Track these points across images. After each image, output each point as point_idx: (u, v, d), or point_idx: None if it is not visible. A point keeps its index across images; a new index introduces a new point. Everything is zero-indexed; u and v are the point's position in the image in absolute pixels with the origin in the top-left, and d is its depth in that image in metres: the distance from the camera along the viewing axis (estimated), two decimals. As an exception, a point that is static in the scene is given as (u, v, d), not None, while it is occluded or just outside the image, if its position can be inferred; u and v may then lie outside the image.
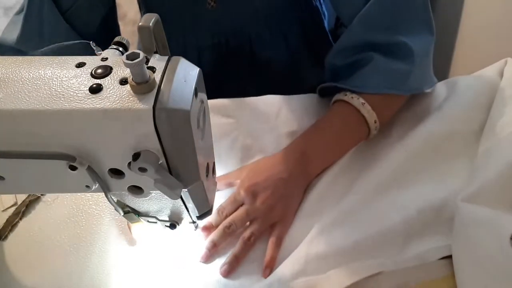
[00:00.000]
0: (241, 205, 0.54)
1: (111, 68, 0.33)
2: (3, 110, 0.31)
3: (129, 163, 0.33)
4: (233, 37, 0.75)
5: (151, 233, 0.52)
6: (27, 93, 0.31)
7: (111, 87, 0.32)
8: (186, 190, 0.36)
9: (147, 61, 0.33)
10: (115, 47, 0.37)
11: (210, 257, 0.51)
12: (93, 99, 0.31)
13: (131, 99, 0.31)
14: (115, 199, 0.42)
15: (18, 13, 0.63)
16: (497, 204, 0.47)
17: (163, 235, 0.52)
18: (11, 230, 0.56)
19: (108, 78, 0.32)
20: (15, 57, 0.35)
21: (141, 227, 0.51)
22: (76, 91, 0.31)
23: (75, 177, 0.35)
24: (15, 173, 0.36)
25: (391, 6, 0.58)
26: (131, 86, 0.31)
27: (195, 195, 0.38)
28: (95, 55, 0.36)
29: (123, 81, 0.32)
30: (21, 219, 0.57)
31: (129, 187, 0.37)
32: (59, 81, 0.32)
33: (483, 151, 0.54)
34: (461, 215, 0.48)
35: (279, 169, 0.56)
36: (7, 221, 0.56)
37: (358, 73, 0.59)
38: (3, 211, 0.58)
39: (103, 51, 0.36)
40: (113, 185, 0.37)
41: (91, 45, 0.38)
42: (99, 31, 0.67)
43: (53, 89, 0.32)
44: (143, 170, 0.32)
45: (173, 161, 0.34)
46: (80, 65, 0.33)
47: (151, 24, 0.32)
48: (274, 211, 0.53)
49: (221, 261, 0.51)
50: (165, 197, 0.36)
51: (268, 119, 0.65)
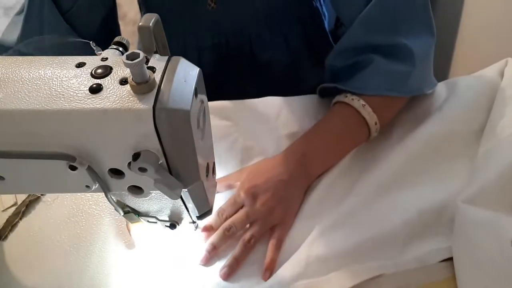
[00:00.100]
0: (241, 207, 0.54)
1: (111, 68, 0.33)
2: (3, 110, 0.31)
3: (129, 163, 0.33)
4: (233, 37, 0.75)
5: (151, 233, 0.52)
6: (27, 93, 0.31)
7: (111, 87, 0.32)
8: (186, 190, 0.36)
9: (147, 61, 0.33)
10: (115, 47, 0.37)
11: (210, 259, 0.51)
12: (93, 99, 0.31)
13: (131, 99, 0.31)
14: (115, 199, 0.42)
15: (18, 13, 0.63)
16: (497, 205, 0.47)
17: (163, 236, 0.52)
18: (11, 230, 0.56)
19: (108, 78, 0.32)
20: (15, 57, 0.35)
21: (140, 227, 0.51)
22: (76, 91, 0.31)
23: (75, 177, 0.35)
24: (15, 173, 0.36)
25: (391, 7, 0.58)
26: (131, 86, 0.31)
27: (195, 195, 0.38)
28: (95, 55, 0.36)
29: (123, 81, 0.32)
30: (21, 219, 0.57)
31: (129, 187, 0.37)
32: (59, 81, 0.32)
33: (483, 152, 0.54)
34: (462, 217, 0.48)
35: (280, 171, 0.55)
36: (7, 221, 0.56)
37: (358, 74, 0.59)
38: (3, 211, 0.58)
39: (103, 51, 0.36)
40: (113, 185, 0.37)
41: (91, 45, 0.38)
42: (99, 32, 0.67)
43: (53, 89, 0.32)
44: (143, 170, 0.32)
45: (173, 161, 0.34)
46: (80, 65, 0.33)
47: (151, 24, 0.32)
48: (274, 213, 0.52)
49: (221, 264, 0.50)
50: (165, 197, 0.36)
51: (268, 120, 0.65)
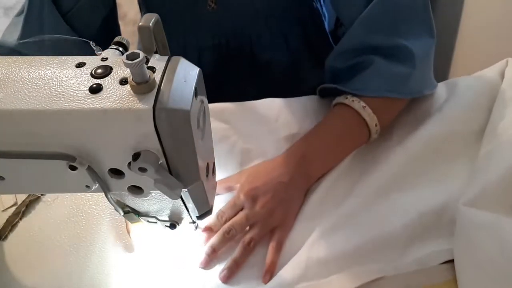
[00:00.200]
0: (241, 210, 0.53)
1: (111, 68, 0.33)
2: (3, 110, 0.31)
3: (129, 163, 0.33)
4: (233, 38, 0.75)
5: (151, 234, 0.52)
6: (27, 93, 0.32)
7: (111, 87, 0.32)
8: (186, 190, 0.36)
9: (147, 61, 0.33)
10: (115, 47, 0.37)
11: (209, 262, 0.50)
12: (93, 99, 0.31)
13: (131, 99, 0.31)
14: (115, 199, 0.42)
15: (18, 14, 0.63)
16: (499, 207, 0.46)
17: (162, 236, 0.52)
18: (11, 230, 0.56)
19: (108, 78, 0.32)
20: (15, 57, 0.35)
21: (140, 228, 0.51)
22: (76, 91, 0.31)
23: (75, 177, 0.35)
24: (15, 173, 0.36)
25: (392, 8, 0.58)
26: (131, 86, 0.31)
27: (195, 195, 0.38)
28: (95, 55, 0.36)
29: (123, 81, 0.32)
30: (21, 219, 0.57)
31: (129, 187, 0.37)
32: (59, 81, 0.32)
33: (484, 153, 0.54)
34: (463, 219, 0.48)
35: (279, 172, 0.55)
36: (7, 221, 0.56)
37: (358, 76, 0.59)
38: (3, 211, 0.58)
39: (103, 51, 0.36)
40: (113, 185, 0.37)
41: (91, 45, 0.38)
42: (99, 32, 0.67)
43: (53, 89, 0.32)
44: (143, 170, 0.32)
45: (173, 161, 0.34)
46: (80, 65, 0.33)
47: (151, 24, 0.32)
48: (274, 215, 0.52)
49: (220, 266, 0.50)
50: (165, 197, 0.36)
51: (267, 122, 0.65)
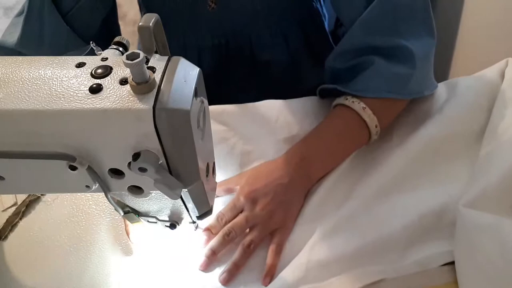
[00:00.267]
0: (241, 212, 0.53)
1: (111, 68, 0.33)
2: (4, 110, 0.31)
3: (129, 163, 0.33)
4: (233, 38, 0.75)
5: (150, 235, 0.52)
6: (27, 93, 0.31)
7: (111, 87, 0.32)
8: (186, 190, 0.36)
9: (147, 61, 0.33)
10: (115, 47, 0.37)
11: (209, 265, 0.50)
12: (93, 99, 0.31)
13: (131, 99, 0.31)
14: (115, 199, 0.42)
15: (18, 15, 0.63)
16: (499, 209, 0.46)
17: (162, 236, 0.52)
18: (11, 230, 0.56)
19: (108, 78, 0.32)
20: (15, 57, 0.35)
21: (139, 230, 0.51)
22: (76, 91, 0.31)
23: (75, 177, 0.35)
24: (15, 173, 0.36)
25: (392, 9, 0.57)
26: (131, 86, 0.31)
27: (195, 195, 0.38)
28: (95, 55, 0.36)
29: (123, 81, 0.32)
30: (21, 219, 0.57)
31: (129, 187, 0.37)
32: (59, 81, 0.32)
33: (484, 154, 0.54)
34: (463, 221, 0.48)
35: (279, 174, 0.55)
36: (7, 221, 0.56)
37: (359, 77, 0.59)
38: (3, 211, 0.58)
39: (103, 51, 0.36)
40: (113, 185, 0.37)
41: (91, 45, 0.38)
42: (99, 32, 0.67)
43: (53, 89, 0.32)
44: (143, 170, 0.32)
45: (173, 161, 0.34)
46: (80, 65, 0.33)
47: (151, 24, 0.32)
48: (274, 217, 0.52)
49: (220, 269, 0.50)
50: (165, 197, 0.36)
51: (267, 124, 0.65)
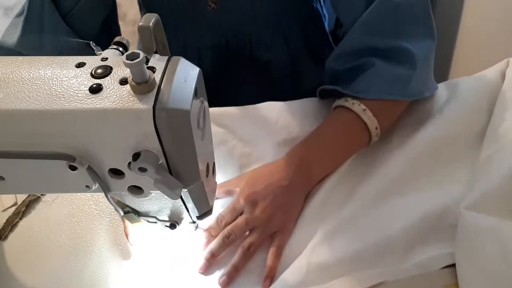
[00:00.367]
0: (241, 214, 0.53)
1: (111, 68, 0.33)
2: (3, 110, 0.31)
3: (129, 163, 0.33)
4: (233, 38, 0.75)
5: (150, 235, 0.52)
6: (27, 93, 0.32)
7: (111, 87, 0.32)
8: (186, 190, 0.36)
9: (147, 61, 0.33)
10: (115, 47, 0.37)
11: (209, 268, 0.50)
12: (93, 99, 0.31)
13: (131, 99, 0.31)
14: (115, 199, 0.42)
15: (18, 15, 0.63)
16: (500, 211, 0.46)
17: (162, 237, 0.52)
18: (11, 230, 0.56)
19: (108, 78, 0.32)
20: (15, 57, 0.35)
21: (139, 229, 0.51)
22: (76, 91, 0.31)
23: (75, 177, 0.35)
24: (15, 173, 0.36)
25: (392, 10, 0.57)
26: (131, 86, 0.31)
27: (195, 195, 0.38)
28: (95, 55, 0.36)
29: (123, 81, 0.32)
30: (21, 219, 0.57)
31: (129, 187, 0.37)
32: (59, 81, 0.32)
33: (485, 157, 0.53)
34: (464, 223, 0.48)
35: (279, 176, 0.55)
36: (7, 221, 0.56)
37: (359, 78, 0.59)
38: (3, 211, 0.58)
39: (103, 51, 0.36)
40: (113, 185, 0.37)
41: (91, 45, 0.38)
42: (99, 32, 0.67)
43: (53, 89, 0.32)
44: (143, 170, 0.32)
45: (173, 161, 0.34)
46: (80, 65, 0.33)
47: (151, 24, 0.32)
48: (274, 219, 0.52)
49: (220, 271, 0.50)
50: (165, 197, 0.36)
51: (267, 125, 0.64)
